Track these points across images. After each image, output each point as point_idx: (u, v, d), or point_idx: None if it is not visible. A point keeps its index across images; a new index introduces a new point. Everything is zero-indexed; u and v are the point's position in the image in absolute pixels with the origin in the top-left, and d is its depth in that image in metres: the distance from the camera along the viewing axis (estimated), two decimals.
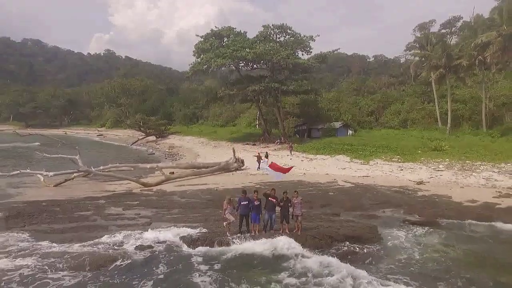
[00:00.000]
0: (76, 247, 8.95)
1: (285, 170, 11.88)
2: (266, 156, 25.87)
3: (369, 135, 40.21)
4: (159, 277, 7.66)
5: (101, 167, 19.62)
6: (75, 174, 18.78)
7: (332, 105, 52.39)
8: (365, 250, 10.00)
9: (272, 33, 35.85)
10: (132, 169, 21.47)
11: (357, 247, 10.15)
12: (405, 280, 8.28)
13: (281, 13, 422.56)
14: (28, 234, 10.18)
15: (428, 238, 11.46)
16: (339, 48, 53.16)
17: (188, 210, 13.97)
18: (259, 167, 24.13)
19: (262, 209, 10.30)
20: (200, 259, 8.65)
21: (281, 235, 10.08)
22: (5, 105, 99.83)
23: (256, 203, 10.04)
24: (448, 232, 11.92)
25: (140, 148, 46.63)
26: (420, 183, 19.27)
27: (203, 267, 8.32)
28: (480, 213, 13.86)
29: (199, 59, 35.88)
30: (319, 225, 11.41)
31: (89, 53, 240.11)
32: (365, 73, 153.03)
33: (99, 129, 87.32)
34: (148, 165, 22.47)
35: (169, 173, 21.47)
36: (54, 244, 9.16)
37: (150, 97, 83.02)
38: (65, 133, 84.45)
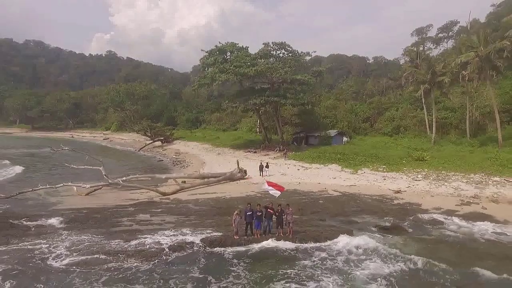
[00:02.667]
0: (127, 245, 12.43)
1: (281, 189, 15.32)
2: (267, 166, 29.55)
3: (362, 143, 43.62)
4: (200, 265, 11.10)
5: (125, 178, 23.14)
6: (102, 185, 22.24)
7: (329, 112, 55.92)
8: (339, 245, 13.37)
9: (272, 49, 39.38)
10: (149, 179, 24.98)
11: (331, 247, 13.51)
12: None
13: (282, 13, 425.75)
14: (88, 236, 13.64)
15: (392, 238, 14.81)
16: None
17: (203, 217, 17.35)
18: (261, 175, 28.32)
19: (263, 217, 13.74)
20: (231, 255, 12.13)
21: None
22: (14, 109, 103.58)
23: (259, 213, 13.49)
24: (409, 234, 15.30)
25: (148, 155, 50.11)
26: (398, 192, 22.70)
27: (232, 260, 11.79)
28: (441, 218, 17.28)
29: (204, 73, 39.46)
30: (307, 230, 14.81)
31: (90, 54, 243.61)
32: (365, 74, 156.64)
33: (104, 132, 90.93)
34: (164, 176, 26.00)
35: (182, 181, 24.93)
36: (112, 243, 12.62)
37: (154, 102, 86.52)
38: (72, 137, 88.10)
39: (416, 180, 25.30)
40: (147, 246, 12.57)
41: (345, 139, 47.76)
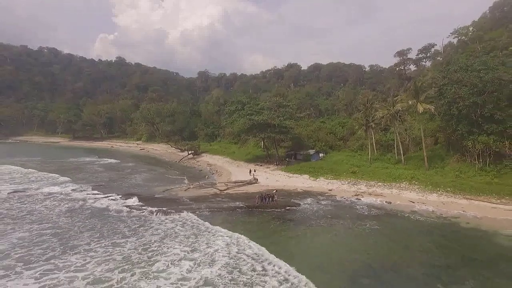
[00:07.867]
0: (223, 206, 41.19)
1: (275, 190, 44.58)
2: (255, 171, 58.68)
3: (330, 160, 72.00)
4: (255, 211, 39.86)
5: (202, 183, 51.95)
6: (191, 186, 51.03)
7: (313, 133, 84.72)
8: (294, 208, 42.05)
9: (273, 103, 68.41)
10: (210, 183, 53.74)
11: (291, 208, 42.21)
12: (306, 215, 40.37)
13: (284, 13, 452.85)
14: (205, 204, 42.27)
15: (316, 206, 43.40)
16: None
17: (242, 199, 45.91)
18: (250, 175, 57.48)
19: (266, 197, 42.60)
20: (261, 210, 40.80)
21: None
22: (60, 122, 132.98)
23: (264, 196, 42.45)
24: (325, 203, 43.92)
25: (188, 165, 78.70)
26: (330, 190, 51.21)
27: (268, 211, 40.42)
28: (340, 199, 46.01)
29: (230, 118, 68.86)
30: (282, 203, 43.63)
31: (100, 59, 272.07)
32: (361, 82, 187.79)
33: (137, 142, 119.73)
34: (217, 182, 54.75)
35: (225, 184, 53.55)
36: (217, 206, 41.40)
37: (178, 119, 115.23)
38: (112, 147, 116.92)
39: (343, 184, 53.92)
40: (228, 206, 41.31)
41: (321, 155, 76.25)
